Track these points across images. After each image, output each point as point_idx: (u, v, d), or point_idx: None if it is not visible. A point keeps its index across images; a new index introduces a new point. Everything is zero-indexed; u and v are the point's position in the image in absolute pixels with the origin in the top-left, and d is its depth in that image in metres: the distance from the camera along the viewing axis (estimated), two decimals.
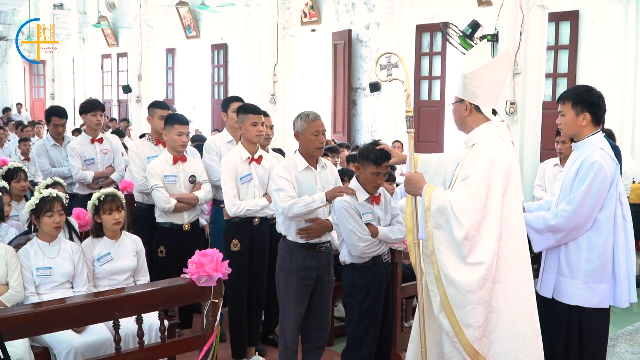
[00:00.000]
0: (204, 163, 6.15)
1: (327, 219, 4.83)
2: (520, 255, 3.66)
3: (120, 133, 13.08)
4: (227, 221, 5.42)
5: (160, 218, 5.79)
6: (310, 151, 4.78)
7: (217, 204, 6.13)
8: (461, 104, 3.85)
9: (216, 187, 6.04)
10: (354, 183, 4.71)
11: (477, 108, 3.80)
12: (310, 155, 4.81)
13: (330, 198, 4.57)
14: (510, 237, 3.62)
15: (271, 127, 6.24)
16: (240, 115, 5.44)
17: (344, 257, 4.73)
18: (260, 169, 5.39)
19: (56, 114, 7.63)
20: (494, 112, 3.87)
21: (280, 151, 8.06)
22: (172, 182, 5.75)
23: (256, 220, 5.34)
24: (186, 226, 5.77)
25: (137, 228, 6.19)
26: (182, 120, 5.84)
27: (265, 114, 5.81)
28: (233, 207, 5.22)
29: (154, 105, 6.56)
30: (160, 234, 5.79)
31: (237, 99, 6.33)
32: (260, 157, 5.40)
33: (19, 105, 24.66)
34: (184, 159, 5.84)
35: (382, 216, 4.74)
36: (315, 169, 4.84)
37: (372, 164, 4.55)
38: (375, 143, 4.64)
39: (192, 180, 5.84)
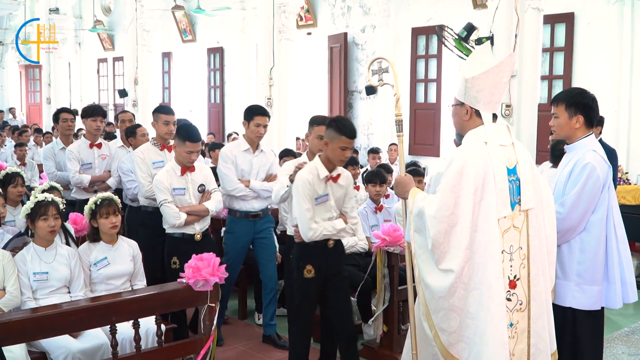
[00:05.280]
0: (218, 171, 6.02)
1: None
2: (493, 264, 3.57)
3: (113, 136, 13.03)
4: (298, 244, 4.92)
5: (170, 229, 5.59)
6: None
7: (233, 213, 6.06)
8: (461, 107, 3.80)
9: (231, 197, 5.97)
10: None
11: (478, 112, 3.75)
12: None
13: None
14: (485, 245, 3.55)
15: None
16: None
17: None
18: (336, 187, 4.92)
19: (65, 111, 7.81)
20: (494, 116, 3.82)
21: (291, 152, 8.10)
22: (180, 194, 5.57)
23: (330, 242, 4.90)
24: (198, 236, 5.59)
25: (144, 233, 6.03)
26: (195, 139, 5.59)
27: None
28: (309, 232, 4.73)
29: (158, 111, 6.38)
30: (171, 244, 5.60)
31: (263, 112, 6.14)
32: (339, 175, 4.90)
33: (12, 109, 24.62)
34: (192, 169, 5.63)
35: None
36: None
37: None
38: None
39: (202, 189, 5.67)
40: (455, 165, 3.60)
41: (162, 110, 6.39)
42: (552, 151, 6.90)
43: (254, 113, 6.08)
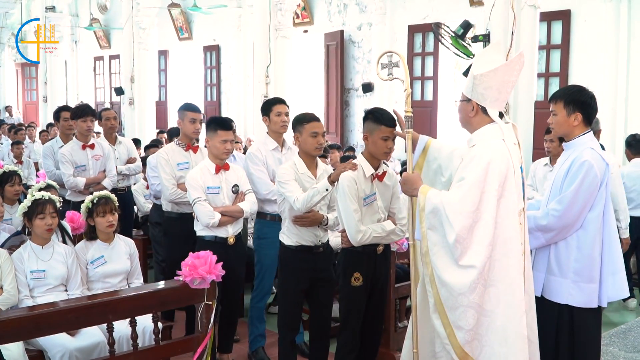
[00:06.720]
0: (250, 175, 5.60)
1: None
2: (514, 260, 3.64)
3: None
4: (345, 250, 4.62)
5: (202, 231, 5.23)
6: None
7: (262, 216, 5.68)
8: (468, 104, 3.82)
9: (263, 201, 5.59)
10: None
11: (484, 109, 3.77)
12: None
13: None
14: (505, 242, 3.61)
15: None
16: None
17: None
18: (382, 187, 4.64)
19: (66, 109, 7.67)
20: (501, 114, 3.84)
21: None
22: (214, 193, 5.21)
23: (380, 248, 4.64)
24: (231, 239, 5.22)
25: (168, 240, 5.95)
26: (227, 126, 5.31)
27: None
28: (358, 235, 4.40)
29: (185, 108, 6.07)
30: (202, 248, 5.03)
31: (280, 101, 5.88)
32: (384, 173, 4.61)
33: (9, 107, 24.58)
34: (226, 168, 5.31)
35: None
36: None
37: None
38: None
39: (235, 190, 5.33)
40: (482, 162, 3.62)
41: (189, 107, 6.10)
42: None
43: (271, 104, 5.81)
